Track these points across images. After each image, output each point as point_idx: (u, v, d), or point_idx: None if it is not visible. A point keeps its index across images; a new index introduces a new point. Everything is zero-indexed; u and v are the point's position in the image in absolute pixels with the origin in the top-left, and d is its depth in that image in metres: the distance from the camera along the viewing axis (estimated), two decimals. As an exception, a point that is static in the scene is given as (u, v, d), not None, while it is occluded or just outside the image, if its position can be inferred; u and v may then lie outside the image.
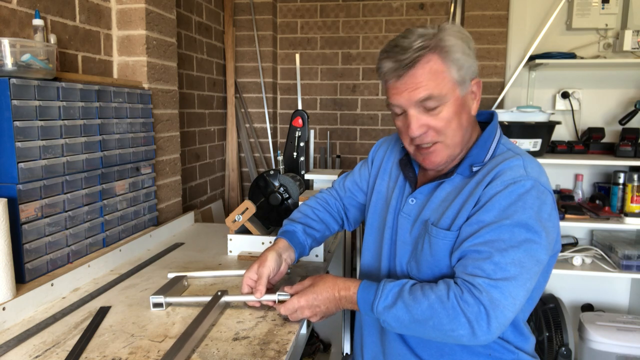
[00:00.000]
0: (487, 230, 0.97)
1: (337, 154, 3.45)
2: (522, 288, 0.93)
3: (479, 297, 0.91)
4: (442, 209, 1.06)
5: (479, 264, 0.95)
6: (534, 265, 0.95)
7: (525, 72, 2.84)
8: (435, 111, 1.02)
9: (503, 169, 1.01)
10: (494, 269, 0.93)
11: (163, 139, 1.96)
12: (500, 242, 0.95)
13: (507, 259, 0.94)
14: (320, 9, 3.35)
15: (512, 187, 0.98)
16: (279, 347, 1.01)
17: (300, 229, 1.27)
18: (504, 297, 0.91)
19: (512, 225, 0.96)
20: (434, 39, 1.00)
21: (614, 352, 2.23)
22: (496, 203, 0.98)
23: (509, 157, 1.04)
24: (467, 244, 0.98)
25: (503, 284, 0.92)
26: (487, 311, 0.91)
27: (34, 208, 1.25)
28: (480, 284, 0.92)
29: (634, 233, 2.72)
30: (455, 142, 1.06)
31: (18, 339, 1.04)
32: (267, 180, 1.73)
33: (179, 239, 1.86)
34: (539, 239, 0.96)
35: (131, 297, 1.27)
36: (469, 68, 1.03)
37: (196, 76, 2.81)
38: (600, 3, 2.61)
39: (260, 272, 1.15)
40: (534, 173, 1.01)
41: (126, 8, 1.80)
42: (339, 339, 2.28)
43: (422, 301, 0.95)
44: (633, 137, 2.51)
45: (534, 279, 0.96)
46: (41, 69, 1.25)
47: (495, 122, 1.13)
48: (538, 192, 0.99)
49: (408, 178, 1.18)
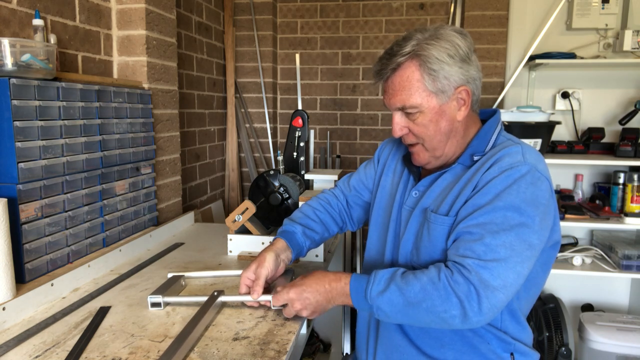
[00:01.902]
0: (481, 213, 0.99)
1: (337, 154, 3.45)
2: (512, 270, 0.94)
3: (468, 277, 0.93)
4: (442, 197, 1.08)
5: (469, 245, 0.97)
6: (525, 249, 0.96)
7: (525, 72, 2.84)
8: (413, 116, 1.08)
9: (501, 156, 1.04)
10: (484, 250, 0.95)
11: (163, 139, 1.96)
12: (492, 224, 0.97)
13: (497, 240, 0.95)
14: (320, 9, 3.35)
15: (509, 172, 1.00)
16: (279, 347, 1.01)
17: (299, 230, 1.28)
18: (493, 278, 0.93)
19: (505, 208, 0.97)
20: (419, 44, 1.04)
21: (614, 352, 2.23)
22: (492, 187, 1.00)
23: (508, 145, 1.07)
24: (461, 225, 1.01)
25: (492, 265, 0.93)
26: (477, 291, 0.92)
27: (34, 208, 1.25)
28: (470, 264, 0.94)
29: (634, 233, 2.72)
30: (434, 146, 1.10)
31: (18, 339, 1.04)
32: (267, 180, 1.73)
33: (179, 239, 1.86)
34: (531, 223, 0.97)
35: (131, 297, 1.27)
36: (451, 77, 1.04)
37: (196, 76, 2.81)
38: (600, 3, 2.61)
39: (259, 272, 1.16)
40: (532, 159, 1.03)
41: (126, 8, 1.80)
42: (339, 339, 2.28)
43: (415, 283, 0.96)
44: (633, 137, 2.51)
45: (525, 263, 0.96)
46: (41, 69, 1.25)
47: (498, 117, 1.15)
48: (534, 177, 1.00)
49: (412, 172, 1.20)
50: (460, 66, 1.04)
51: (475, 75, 1.08)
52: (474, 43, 1.09)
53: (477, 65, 1.08)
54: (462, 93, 1.07)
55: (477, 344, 1.08)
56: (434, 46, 1.03)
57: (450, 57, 1.03)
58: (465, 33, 1.08)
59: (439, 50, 1.03)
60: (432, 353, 1.10)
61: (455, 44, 1.04)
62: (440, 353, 1.09)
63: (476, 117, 1.16)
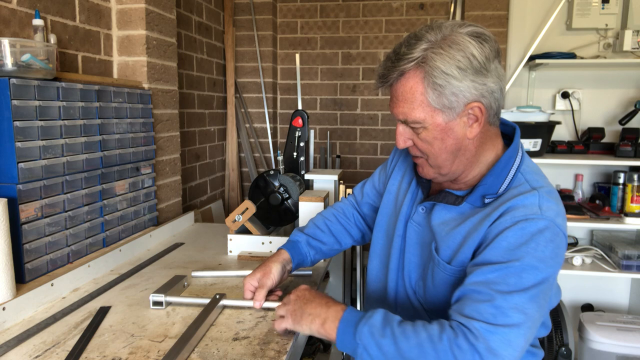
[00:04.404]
0: (491, 270, 0.87)
1: (337, 154, 3.45)
2: (523, 337, 0.83)
3: (475, 344, 0.81)
4: (444, 233, 1.00)
5: (477, 306, 0.85)
6: (536, 311, 0.86)
7: (525, 72, 2.84)
8: (417, 130, 0.97)
9: (515, 205, 0.91)
10: (493, 314, 0.83)
11: (163, 139, 1.96)
12: (504, 284, 0.85)
13: (509, 303, 0.83)
14: (320, 9, 3.35)
15: (523, 224, 0.88)
16: (279, 347, 1.01)
17: (304, 239, 1.26)
18: (503, 347, 0.81)
19: (521, 268, 0.86)
20: (427, 50, 0.91)
21: (614, 352, 2.23)
22: (503, 241, 0.89)
23: (524, 192, 0.93)
24: (467, 281, 0.89)
25: (503, 331, 0.82)
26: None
27: (34, 208, 1.25)
28: (477, 328, 0.82)
29: (634, 233, 2.72)
30: (439, 164, 0.99)
31: (18, 339, 1.04)
32: (267, 180, 1.73)
33: (179, 239, 1.86)
34: (546, 285, 0.88)
35: (131, 297, 1.27)
36: (461, 93, 0.91)
37: (196, 76, 2.81)
38: (600, 3, 2.61)
39: (263, 282, 1.15)
40: (550, 212, 0.90)
41: (126, 8, 1.80)
42: (339, 339, 2.27)
43: (412, 337, 0.85)
44: (633, 137, 2.51)
45: (536, 326, 0.87)
46: (41, 69, 1.25)
47: (517, 143, 1.01)
48: (553, 234, 0.89)
49: (421, 184, 1.11)
50: (473, 79, 0.91)
51: (494, 87, 0.93)
52: (497, 46, 0.94)
53: (497, 74, 0.94)
54: (475, 109, 0.93)
55: None
56: (442, 56, 0.89)
57: (461, 70, 0.90)
58: (485, 37, 0.92)
59: (447, 62, 0.89)
60: None
61: (469, 53, 0.90)
62: None
63: (496, 130, 1.02)
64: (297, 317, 0.98)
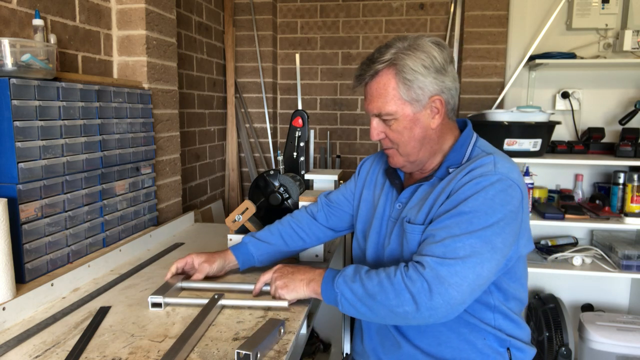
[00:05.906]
0: (446, 217, 1.03)
1: (337, 154, 3.45)
2: (471, 270, 0.96)
3: (422, 273, 0.97)
4: (419, 207, 1.13)
5: (431, 247, 1.01)
6: (487, 251, 0.98)
7: (525, 72, 2.84)
8: (388, 123, 1.13)
9: (474, 167, 1.08)
10: (444, 251, 0.98)
11: (163, 139, 1.96)
12: (456, 228, 1.00)
13: (458, 243, 0.98)
14: (320, 9, 3.35)
15: (478, 179, 1.04)
16: (279, 347, 1.01)
17: (251, 241, 1.40)
18: (450, 275, 0.95)
19: (470, 212, 1.01)
20: (397, 53, 1.08)
21: (614, 352, 2.23)
22: (461, 193, 1.04)
23: (482, 156, 1.11)
24: (427, 229, 1.06)
25: (450, 262, 0.96)
26: (429, 286, 0.95)
27: (34, 208, 1.25)
28: (428, 261, 0.98)
29: (634, 233, 2.72)
30: (408, 152, 1.15)
31: (18, 339, 1.04)
32: (267, 180, 1.73)
33: (179, 239, 1.86)
34: (495, 226, 1.00)
35: (131, 297, 1.27)
36: (425, 87, 1.08)
37: (196, 76, 2.81)
38: (600, 3, 2.61)
39: (202, 267, 1.31)
40: (503, 169, 1.06)
41: (126, 8, 1.80)
42: (339, 339, 2.28)
43: (374, 278, 1.02)
44: (633, 137, 2.51)
45: (486, 265, 0.98)
46: (41, 69, 1.25)
47: (470, 128, 1.20)
48: (504, 185, 1.04)
49: (394, 185, 1.24)
50: (435, 77, 1.09)
51: (451, 85, 1.11)
52: (452, 53, 1.13)
53: (453, 76, 1.12)
54: (436, 102, 1.11)
55: (473, 339, 1.11)
56: (409, 56, 1.07)
57: (425, 68, 1.07)
58: (442, 44, 1.11)
59: (414, 60, 1.07)
60: (430, 351, 1.12)
61: (431, 55, 1.08)
62: (438, 351, 1.12)
63: (453, 124, 1.19)
64: (292, 285, 1.15)
